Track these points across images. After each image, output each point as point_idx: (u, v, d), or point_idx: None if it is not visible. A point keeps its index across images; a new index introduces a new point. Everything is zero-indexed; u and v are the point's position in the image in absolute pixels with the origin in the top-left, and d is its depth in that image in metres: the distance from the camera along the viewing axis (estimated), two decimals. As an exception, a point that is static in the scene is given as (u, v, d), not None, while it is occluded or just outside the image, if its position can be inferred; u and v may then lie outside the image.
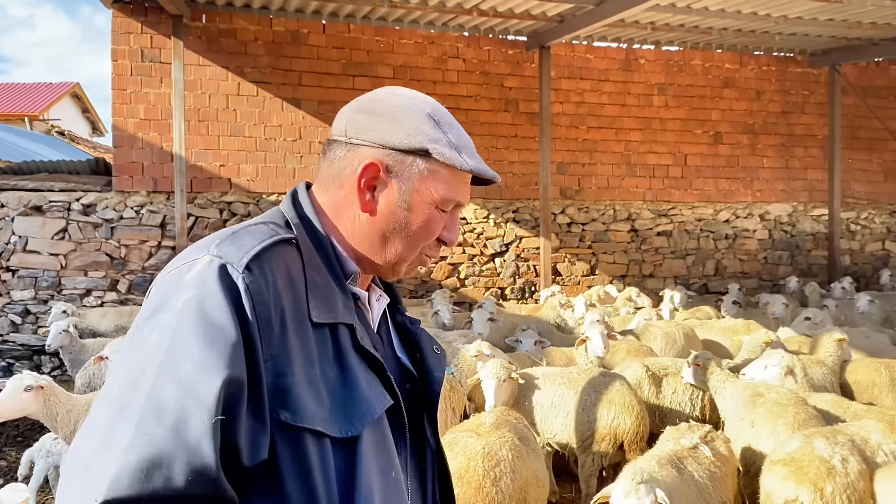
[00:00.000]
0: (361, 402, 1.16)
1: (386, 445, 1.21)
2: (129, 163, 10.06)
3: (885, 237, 13.71)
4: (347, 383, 1.17)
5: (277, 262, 1.15)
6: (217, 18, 10.31)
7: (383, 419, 1.21)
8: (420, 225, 1.31)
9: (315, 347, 1.15)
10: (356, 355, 1.21)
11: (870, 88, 13.33)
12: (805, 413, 4.46)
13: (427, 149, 1.28)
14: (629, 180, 12.24)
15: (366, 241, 1.32)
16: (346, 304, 1.24)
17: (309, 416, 1.10)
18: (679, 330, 7.15)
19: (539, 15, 10.22)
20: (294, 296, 1.15)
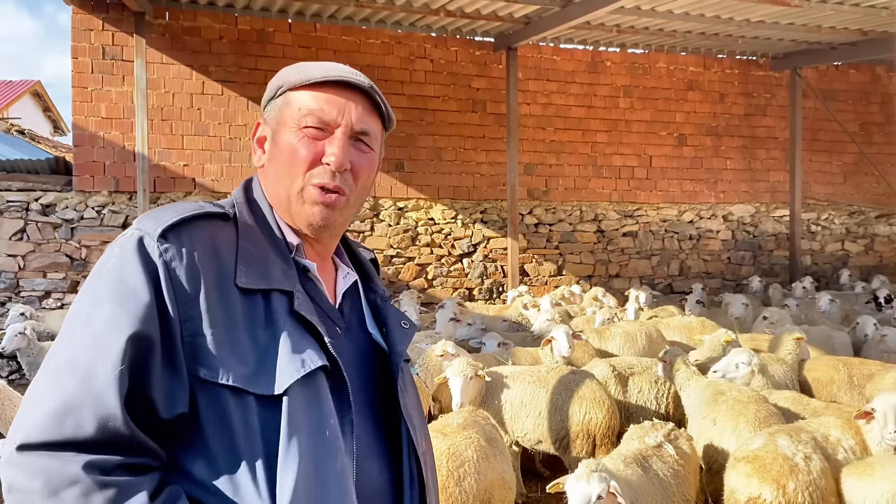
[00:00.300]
0: (289, 362, 1.20)
1: (320, 406, 1.22)
2: (90, 162, 9.88)
3: (845, 237, 14.00)
4: (276, 345, 1.21)
5: (198, 233, 1.24)
6: (181, 16, 10.16)
7: (317, 380, 1.22)
8: (287, 150, 1.34)
9: (242, 311, 1.21)
10: (292, 320, 1.24)
11: (829, 92, 13.60)
12: (766, 410, 4.51)
13: (280, 86, 1.38)
14: (595, 181, 12.33)
15: (274, 198, 1.39)
16: (287, 273, 1.29)
17: (227, 373, 1.16)
18: (641, 329, 7.21)
19: (506, 16, 10.25)
20: (218, 264, 1.23)
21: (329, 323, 1.35)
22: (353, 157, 1.36)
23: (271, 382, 1.18)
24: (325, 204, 1.34)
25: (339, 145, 1.34)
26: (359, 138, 1.38)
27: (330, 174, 1.33)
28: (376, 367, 1.40)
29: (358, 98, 1.38)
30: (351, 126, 1.36)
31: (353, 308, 1.46)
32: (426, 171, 11.37)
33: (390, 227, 11.18)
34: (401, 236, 11.22)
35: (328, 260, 1.47)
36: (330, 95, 1.36)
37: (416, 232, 11.33)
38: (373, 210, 11.14)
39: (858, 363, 5.73)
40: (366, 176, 1.41)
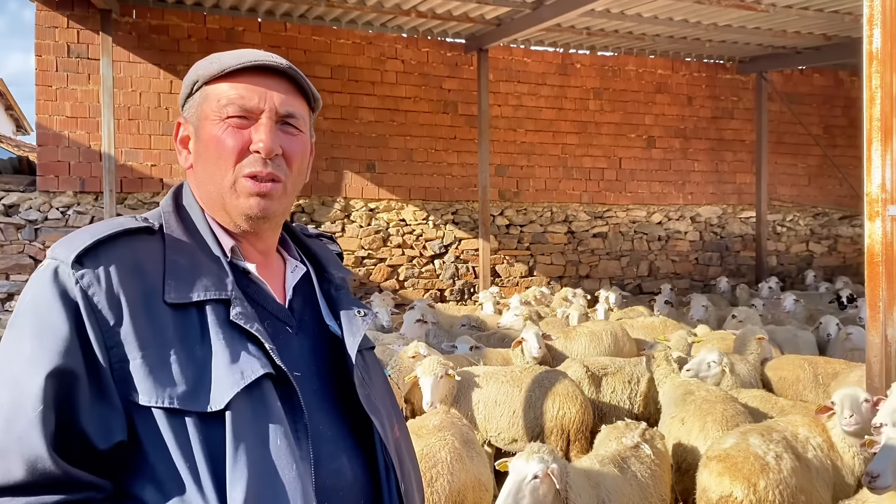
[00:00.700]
0: (228, 374, 1.16)
1: (268, 415, 1.18)
2: (54, 162, 9.69)
3: (809, 238, 14.26)
4: (214, 358, 1.17)
5: (117, 253, 1.19)
6: (148, 14, 10.02)
7: (263, 389, 1.18)
8: (213, 144, 1.30)
9: (174, 328, 1.17)
10: (230, 329, 1.20)
11: (794, 95, 13.85)
12: (733, 409, 4.58)
13: (196, 80, 1.33)
14: (566, 183, 12.41)
15: (206, 197, 1.33)
16: (222, 280, 1.24)
17: (162, 394, 1.12)
18: (606, 329, 7.27)
19: (477, 18, 10.28)
20: (142, 281, 1.18)
21: (277, 324, 1.30)
22: (283, 141, 1.31)
23: (209, 398, 1.14)
24: (260, 194, 1.29)
25: (265, 131, 1.28)
26: (285, 122, 1.32)
27: (261, 162, 1.28)
28: (336, 361, 1.36)
29: (278, 81, 1.33)
30: (275, 110, 1.30)
31: (307, 302, 1.41)
32: (397, 171, 11.35)
33: (361, 228, 11.14)
34: (372, 237, 11.19)
35: (273, 254, 1.42)
36: (249, 82, 1.30)
37: (388, 233, 11.30)
38: (344, 211, 11.09)
39: (823, 362, 5.83)
40: (299, 160, 1.35)
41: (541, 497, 3.20)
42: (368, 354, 1.44)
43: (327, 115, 10.91)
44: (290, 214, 10.63)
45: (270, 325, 1.28)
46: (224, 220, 1.32)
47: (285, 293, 1.38)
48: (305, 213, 10.87)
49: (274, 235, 1.40)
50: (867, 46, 4.44)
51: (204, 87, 1.33)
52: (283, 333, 1.30)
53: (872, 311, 4.47)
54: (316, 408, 1.27)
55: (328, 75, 10.88)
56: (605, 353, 6.84)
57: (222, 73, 1.30)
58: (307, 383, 1.27)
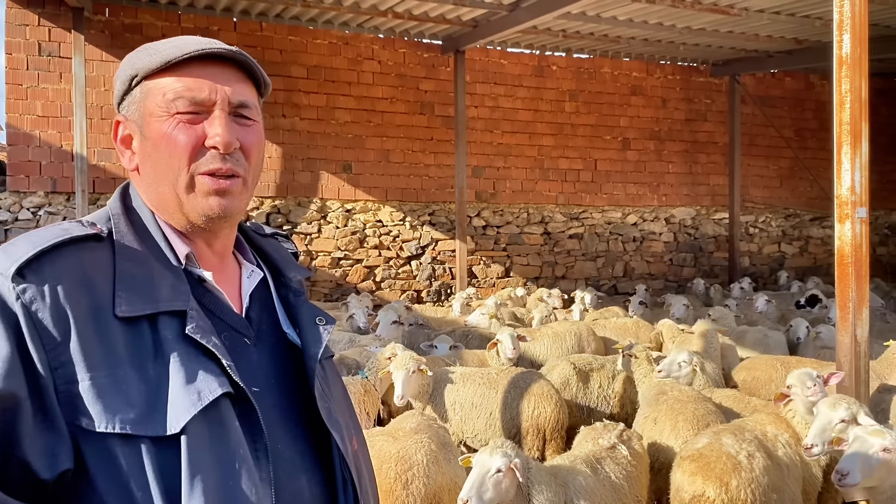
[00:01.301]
0: (184, 395, 1.08)
1: (227, 437, 1.11)
2: (24, 161, 9.55)
3: (781, 239, 14.46)
4: (168, 377, 1.09)
5: (62, 263, 1.09)
6: (121, 13, 9.91)
7: (221, 409, 1.11)
8: (163, 142, 1.20)
9: (125, 345, 1.08)
10: (185, 344, 1.12)
11: (766, 98, 14.03)
12: (704, 409, 4.63)
13: (135, 74, 1.23)
14: (542, 184, 12.47)
15: (156, 199, 1.24)
16: (178, 289, 1.16)
17: (112, 419, 1.04)
18: (571, 330, 7.32)
19: (454, 19, 10.29)
20: (91, 295, 1.09)
21: (234, 336, 1.22)
22: (239, 133, 1.22)
23: (163, 421, 1.06)
24: (219, 192, 1.20)
25: (221, 124, 1.20)
26: (239, 112, 1.23)
27: (219, 158, 1.19)
28: (296, 372, 1.28)
29: (227, 69, 1.24)
30: (227, 100, 1.21)
31: (264, 309, 1.32)
32: (374, 172, 11.33)
33: (338, 228, 11.10)
34: (348, 238, 11.15)
35: (229, 257, 1.33)
36: (196, 72, 1.21)
37: (364, 234, 11.28)
38: (320, 212, 11.04)
39: (795, 362, 5.91)
40: (257, 152, 1.27)
41: (503, 491, 3.28)
42: (328, 363, 1.36)
43: (303, 116, 10.86)
44: (266, 216, 10.59)
45: (228, 337, 1.20)
46: (178, 222, 1.23)
47: (241, 300, 1.30)
48: (281, 214, 10.81)
49: (231, 235, 1.32)
50: (837, 51, 4.52)
51: (144, 81, 1.22)
52: (241, 346, 1.23)
53: (842, 311, 4.55)
54: (275, 424, 1.20)
55: (304, 75, 10.84)
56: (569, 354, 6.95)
57: (166, 65, 1.20)
58: (266, 398, 1.20)
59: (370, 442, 3.90)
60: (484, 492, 3.21)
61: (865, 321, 4.50)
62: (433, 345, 6.48)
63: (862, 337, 4.49)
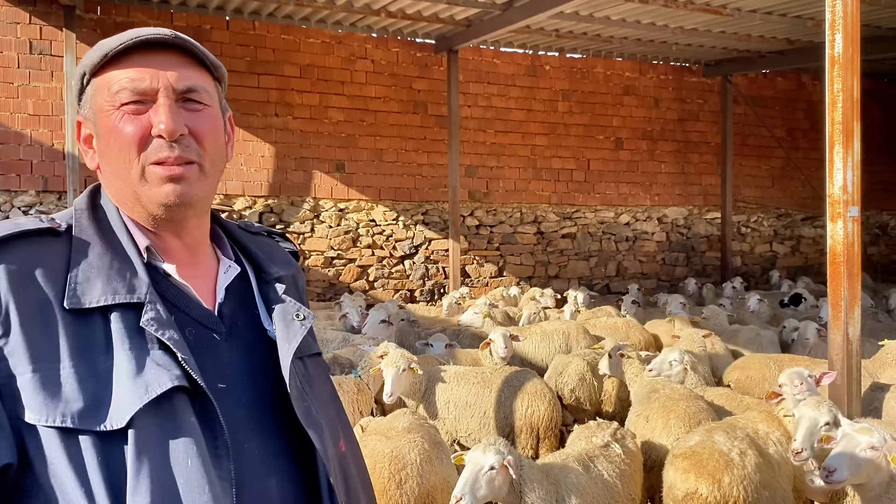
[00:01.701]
0: (132, 388, 1.06)
1: (180, 432, 1.08)
2: (16, 160, 9.50)
3: (773, 239, 14.52)
4: (117, 370, 1.07)
5: (10, 257, 1.09)
6: (113, 11, 9.87)
7: (175, 403, 1.08)
8: (112, 136, 1.19)
9: (73, 338, 1.07)
10: (140, 337, 1.10)
11: (758, 98, 14.09)
12: (696, 407, 4.65)
13: (84, 73, 1.23)
14: (535, 184, 12.48)
15: (117, 194, 1.23)
16: (135, 283, 1.14)
17: (55, 412, 1.03)
18: (559, 329, 7.34)
19: (447, 19, 10.29)
20: (38, 289, 1.08)
21: (202, 331, 1.20)
22: (188, 119, 1.19)
23: (107, 415, 1.04)
24: (172, 178, 1.17)
25: (164, 111, 1.17)
26: (187, 98, 1.21)
27: (167, 146, 1.17)
28: (276, 369, 1.23)
29: (171, 56, 1.21)
30: (171, 87, 1.19)
31: (242, 305, 1.29)
32: (367, 171, 11.32)
33: (331, 228, 11.09)
34: (342, 238, 11.14)
35: (203, 251, 1.30)
36: (138, 62, 1.19)
37: (358, 233, 11.27)
38: (313, 211, 11.03)
39: (788, 360, 5.93)
40: (212, 137, 1.23)
41: (496, 488, 3.30)
42: (312, 361, 1.33)
43: (296, 115, 10.85)
44: (259, 215, 10.57)
45: (194, 332, 1.18)
46: (140, 215, 1.22)
47: (216, 296, 1.27)
48: (274, 213, 10.79)
49: (201, 226, 1.29)
50: (829, 51, 4.54)
51: (93, 78, 1.22)
52: (209, 341, 1.20)
53: (834, 310, 4.57)
54: (245, 423, 1.17)
55: (297, 74, 10.82)
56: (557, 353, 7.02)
57: (106, 58, 1.19)
58: (236, 396, 1.18)
59: (363, 442, 3.90)
60: (477, 489, 3.23)
61: (857, 320, 4.52)
62: (428, 343, 6.48)
63: (854, 335, 4.51)
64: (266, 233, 1.48)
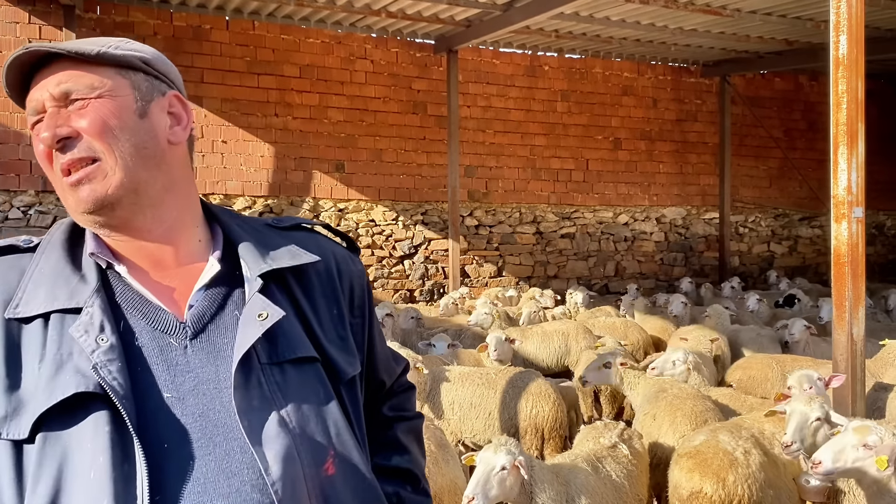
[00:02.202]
0: (41, 395, 1.04)
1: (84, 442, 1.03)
2: (15, 160, 9.47)
3: (770, 239, 14.56)
4: (40, 376, 1.06)
5: None
6: (113, 10, 9.84)
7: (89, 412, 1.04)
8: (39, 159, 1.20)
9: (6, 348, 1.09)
10: (69, 343, 1.08)
11: (756, 99, 14.12)
12: (702, 406, 4.67)
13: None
14: (534, 184, 12.49)
15: None
16: (79, 287, 1.12)
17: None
18: (559, 329, 7.36)
19: (447, 19, 10.29)
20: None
21: (156, 337, 1.13)
22: (72, 120, 1.14)
23: (12, 424, 1.04)
24: (78, 183, 1.14)
25: (43, 123, 1.15)
26: (70, 100, 1.16)
27: (59, 154, 1.14)
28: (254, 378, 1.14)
29: (63, 65, 1.17)
30: (52, 96, 1.15)
31: (224, 308, 1.19)
32: (367, 172, 11.32)
33: (330, 228, 11.07)
34: (341, 238, 11.12)
35: (182, 250, 1.23)
36: (37, 82, 1.18)
37: (357, 233, 11.26)
38: (312, 211, 11.02)
39: (791, 360, 5.96)
40: (110, 125, 1.15)
41: (507, 488, 3.32)
42: (297, 368, 1.17)
43: (296, 115, 10.84)
44: (258, 215, 10.55)
45: (144, 338, 1.12)
46: (84, 224, 1.21)
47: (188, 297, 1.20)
48: (274, 214, 10.77)
49: (159, 221, 1.20)
50: (833, 52, 4.55)
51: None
52: (164, 347, 1.12)
53: (839, 310, 4.59)
54: (197, 437, 1.08)
55: (297, 74, 10.81)
56: (557, 353, 7.08)
57: (7, 87, 1.20)
58: (189, 407, 1.09)
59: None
60: (489, 489, 3.24)
61: (861, 320, 4.54)
62: (431, 343, 6.49)
63: (858, 336, 4.53)
64: (305, 225, 1.37)
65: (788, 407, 3.97)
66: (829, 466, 3.41)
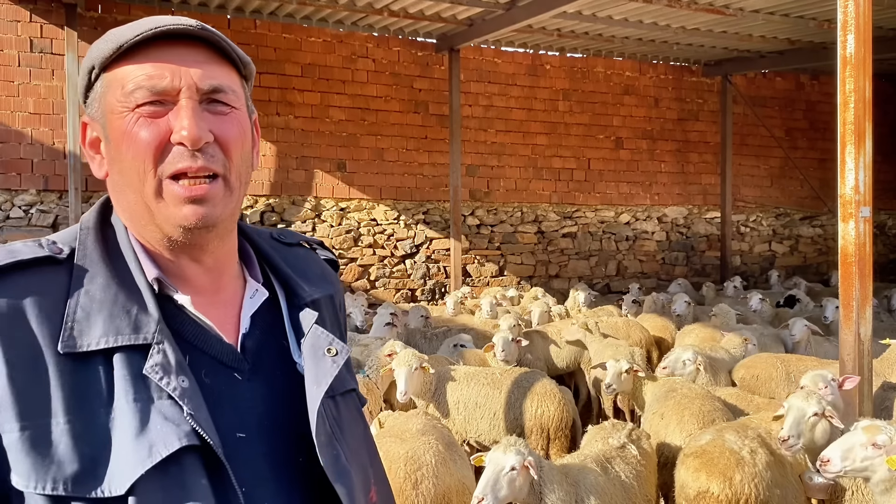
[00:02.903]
0: (134, 449, 0.92)
1: (187, 498, 0.94)
2: (16, 159, 9.45)
3: (772, 238, 14.56)
4: (119, 425, 0.93)
5: (3, 293, 0.95)
6: (114, 9, 9.83)
7: (183, 463, 0.94)
8: (124, 142, 1.02)
9: (69, 388, 0.93)
10: (146, 386, 0.96)
11: (757, 98, 14.12)
12: (711, 405, 4.67)
13: (92, 66, 1.06)
14: (536, 183, 12.48)
15: (126, 210, 1.07)
16: (142, 319, 0.99)
17: (43, 478, 0.90)
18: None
19: (449, 18, 10.27)
20: (31, 329, 0.94)
21: (220, 371, 1.05)
22: (213, 124, 1.03)
23: (104, 480, 0.91)
24: (194, 199, 1.01)
25: (187, 114, 1.01)
26: (212, 99, 1.05)
27: (188, 155, 1.01)
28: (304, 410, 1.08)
29: (195, 50, 1.06)
30: (195, 86, 1.03)
31: (270, 335, 1.13)
32: (368, 171, 11.30)
33: (332, 227, 11.07)
34: (343, 237, 11.12)
35: (227, 275, 1.14)
36: (157, 56, 1.03)
37: (359, 233, 11.25)
38: (314, 210, 11.00)
39: (795, 360, 5.95)
40: (239, 144, 1.07)
41: (517, 488, 3.32)
42: (345, 399, 1.17)
43: (297, 114, 10.82)
44: (260, 214, 10.54)
45: (211, 373, 1.03)
46: (154, 235, 1.06)
47: (240, 326, 1.11)
48: (275, 213, 10.76)
49: (224, 245, 1.11)
50: (841, 52, 4.54)
51: (103, 73, 1.05)
52: (228, 382, 1.05)
53: (846, 309, 4.58)
54: (265, 477, 1.03)
55: (298, 73, 10.79)
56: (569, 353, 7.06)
57: (119, 50, 1.02)
58: (257, 446, 1.04)
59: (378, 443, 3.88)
60: (499, 490, 3.24)
61: (869, 320, 4.54)
62: (462, 344, 6.51)
63: (865, 335, 4.52)
64: (304, 243, 1.32)
65: (786, 402, 3.98)
66: (837, 465, 3.41)
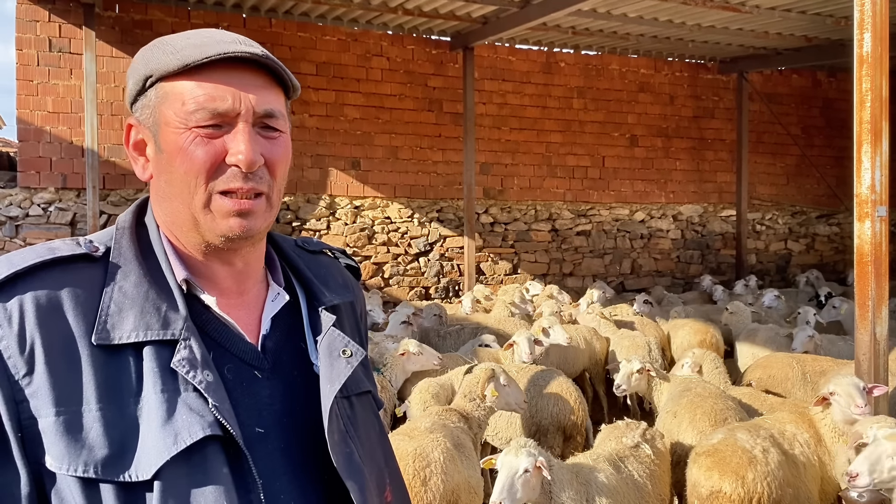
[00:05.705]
0: (160, 437, 0.98)
1: (209, 485, 1.00)
2: (35, 157, 9.56)
3: (788, 237, 14.46)
4: (147, 415, 1.00)
5: (39, 287, 1.01)
6: (131, 9, 9.91)
7: (206, 453, 1.01)
8: (179, 156, 1.08)
9: (101, 377, 1.00)
10: (173, 379, 1.02)
11: (773, 95, 14.02)
12: (723, 404, 4.67)
13: (149, 75, 1.11)
14: (550, 181, 12.47)
15: (169, 215, 1.14)
16: (170, 317, 1.05)
17: (76, 461, 0.96)
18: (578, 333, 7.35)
19: (464, 16, 10.28)
20: (66, 323, 1.01)
21: (242, 369, 1.11)
22: (264, 148, 1.11)
23: (131, 465, 0.97)
24: (241, 213, 1.09)
25: (244, 139, 1.08)
26: (264, 123, 1.12)
27: (241, 176, 1.08)
28: (320, 410, 1.13)
29: (253, 73, 1.11)
30: (252, 111, 1.09)
31: (289, 337, 1.20)
32: (382, 169, 11.34)
33: (346, 225, 11.12)
34: (357, 235, 11.17)
35: (253, 277, 1.20)
36: (218, 78, 1.08)
37: (373, 231, 11.29)
38: (329, 209, 11.05)
39: (811, 360, 5.93)
40: (283, 167, 1.15)
41: (531, 489, 3.35)
42: (361, 400, 1.23)
43: (312, 112, 10.87)
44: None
45: (233, 369, 1.10)
46: (193, 241, 1.13)
47: (261, 326, 1.18)
48: (291, 211, 10.82)
49: (254, 251, 1.19)
50: (857, 50, 4.52)
51: (160, 83, 1.10)
52: (249, 379, 1.11)
53: (862, 309, 4.56)
54: (282, 472, 1.09)
55: (313, 72, 10.84)
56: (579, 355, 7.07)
57: (184, 68, 1.08)
58: (272, 441, 1.10)
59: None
60: (514, 493, 3.27)
61: (885, 319, 4.51)
62: (487, 344, 6.52)
63: (881, 335, 4.50)
64: (327, 251, 1.38)
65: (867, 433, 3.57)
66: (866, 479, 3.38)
